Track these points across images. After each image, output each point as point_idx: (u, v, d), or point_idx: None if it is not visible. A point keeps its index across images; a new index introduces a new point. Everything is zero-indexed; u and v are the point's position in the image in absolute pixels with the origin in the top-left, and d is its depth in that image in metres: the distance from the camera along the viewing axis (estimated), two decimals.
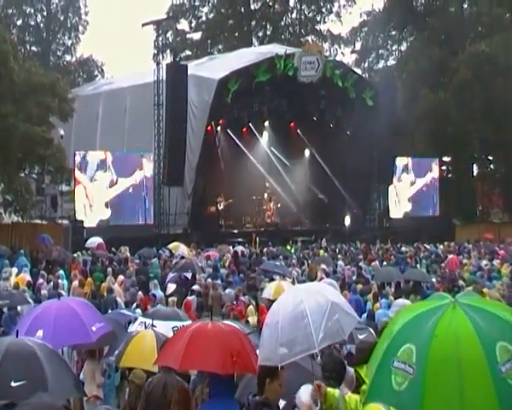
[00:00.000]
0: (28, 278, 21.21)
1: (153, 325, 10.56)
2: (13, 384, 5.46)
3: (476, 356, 3.42)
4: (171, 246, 30.52)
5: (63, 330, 8.62)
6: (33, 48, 70.23)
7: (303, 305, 6.39)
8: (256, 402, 5.97)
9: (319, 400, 5.98)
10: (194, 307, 17.05)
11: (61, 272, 22.99)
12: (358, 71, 59.33)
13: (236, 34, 70.97)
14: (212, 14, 72.56)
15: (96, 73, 73.05)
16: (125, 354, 9.67)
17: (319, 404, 6.01)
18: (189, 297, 18.49)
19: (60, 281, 20.56)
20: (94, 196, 38.26)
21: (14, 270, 22.88)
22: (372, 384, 3.75)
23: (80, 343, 10.17)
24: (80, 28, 72.23)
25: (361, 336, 9.56)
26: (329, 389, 6.05)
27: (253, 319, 14.97)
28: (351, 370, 7.31)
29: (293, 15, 74.70)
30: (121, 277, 21.49)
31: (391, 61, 68.50)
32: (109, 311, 15.66)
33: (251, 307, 15.46)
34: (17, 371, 5.60)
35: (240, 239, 39.02)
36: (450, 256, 29.60)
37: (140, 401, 8.46)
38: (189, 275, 21.55)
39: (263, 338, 6.71)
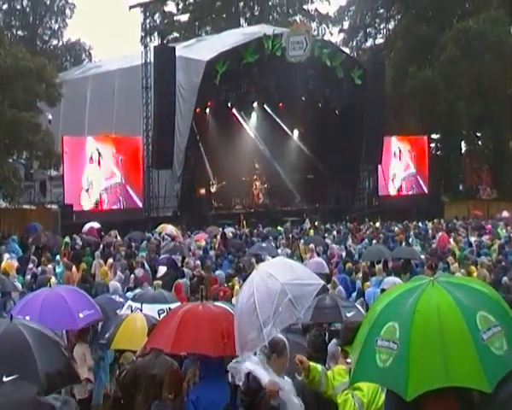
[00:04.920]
0: (16, 263, 21.15)
1: (139, 309, 10.60)
2: (5, 379, 5.07)
3: (458, 325, 3.50)
4: (158, 229, 30.62)
5: (49, 317, 8.63)
6: (20, 32, 69.76)
7: (253, 297, 6.33)
8: (256, 376, 5.98)
9: (303, 373, 6.04)
10: (184, 289, 17.09)
11: (57, 257, 22.93)
12: (346, 50, 59.37)
13: (224, 15, 70.62)
14: None
15: (83, 56, 72.72)
16: (116, 337, 9.73)
17: (302, 375, 6.08)
18: (179, 280, 18.53)
19: (50, 266, 20.44)
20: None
21: (6, 256, 22.80)
22: (356, 365, 3.80)
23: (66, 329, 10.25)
24: (67, 12, 72.00)
25: (349, 314, 9.61)
26: (312, 363, 6.12)
27: None
28: (338, 348, 7.34)
29: None
30: (110, 260, 21.48)
31: (379, 40, 68.54)
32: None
33: (237, 287, 15.46)
34: (9, 363, 5.28)
35: (229, 221, 38.99)
36: (440, 234, 29.66)
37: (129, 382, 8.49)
38: (178, 258, 21.60)
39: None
